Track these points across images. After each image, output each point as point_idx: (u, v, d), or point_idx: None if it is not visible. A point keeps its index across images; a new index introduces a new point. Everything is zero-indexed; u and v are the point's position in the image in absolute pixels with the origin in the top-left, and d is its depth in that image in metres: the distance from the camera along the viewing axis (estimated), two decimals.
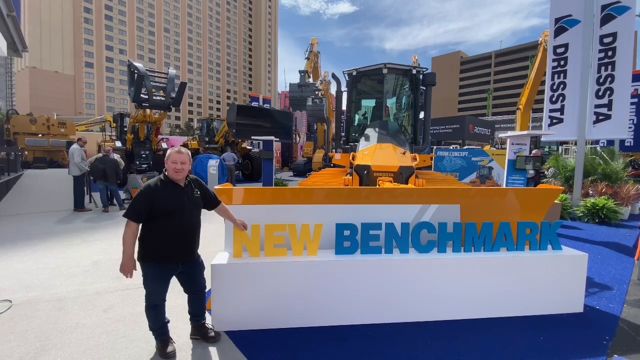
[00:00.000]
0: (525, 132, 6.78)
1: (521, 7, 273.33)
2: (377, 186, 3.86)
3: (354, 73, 6.01)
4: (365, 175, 4.29)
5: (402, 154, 4.57)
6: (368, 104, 6.62)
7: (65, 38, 76.68)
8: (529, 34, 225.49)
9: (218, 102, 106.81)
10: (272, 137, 11.27)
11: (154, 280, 2.34)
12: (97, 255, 4.64)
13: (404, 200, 3.23)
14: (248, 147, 17.82)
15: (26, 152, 23.08)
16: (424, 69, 5.83)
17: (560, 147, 19.37)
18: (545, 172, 10.22)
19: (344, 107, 6.36)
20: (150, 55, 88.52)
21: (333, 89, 21.85)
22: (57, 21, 75.10)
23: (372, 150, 4.62)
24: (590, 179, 9.07)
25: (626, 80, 7.65)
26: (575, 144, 9.59)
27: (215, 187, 2.98)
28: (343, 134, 6.48)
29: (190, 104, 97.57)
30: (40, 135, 25.25)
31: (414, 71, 5.75)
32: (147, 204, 2.22)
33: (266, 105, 27.42)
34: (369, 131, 5.42)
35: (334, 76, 6.18)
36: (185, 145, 17.33)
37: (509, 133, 6.84)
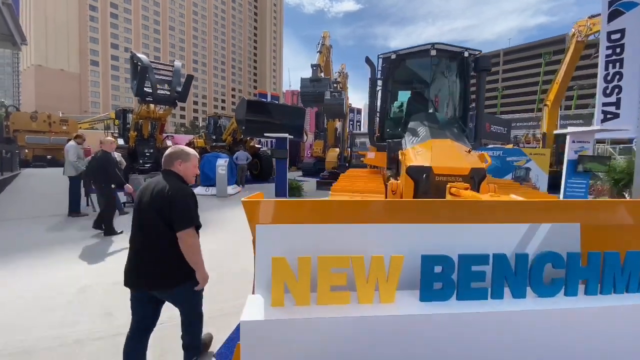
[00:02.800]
0: (589, 128, 5.82)
1: (528, 5, 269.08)
2: (452, 195, 2.92)
3: (393, 57, 5.09)
4: (424, 179, 3.36)
5: (467, 152, 3.63)
6: (408, 93, 5.67)
7: (70, 36, 76.48)
8: (537, 32, 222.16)
9: (223, 101, 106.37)
10: (287, 135, 10.32)
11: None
12: (86, 277, 3.77)
13: (504, 217, 2.29)
14: (257, 146, 16.96)
15: (26, 150, 22.41)
16: (477, 51, 4.89)
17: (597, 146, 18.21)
18: None
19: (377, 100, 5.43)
20: (155, 53, 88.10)
21: (350, 83, 20.85)
22: (63, 19, 74.91)
23: (428, 148, 3.68)
24: None
25: None
26: (611, 144, 8.59)
27: (243, 199, 2.09)
28: (376, 129, 5.55)
29: (195, 102, 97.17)
30: (43, 133, 24.61)
31: (466, 53, 4.82)
32: None
33: (275, 102, 26.59)
34: (415, 125, 4.45)
35: (367, 60, 5.25)
36: (191, 143, 16.48)
37: (570, 129, 5.87)
